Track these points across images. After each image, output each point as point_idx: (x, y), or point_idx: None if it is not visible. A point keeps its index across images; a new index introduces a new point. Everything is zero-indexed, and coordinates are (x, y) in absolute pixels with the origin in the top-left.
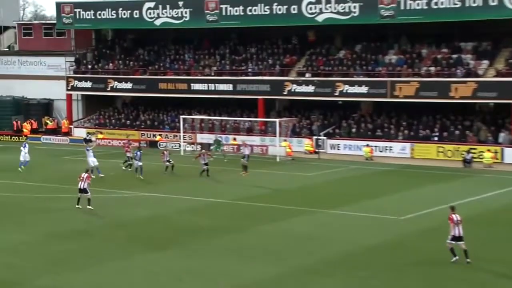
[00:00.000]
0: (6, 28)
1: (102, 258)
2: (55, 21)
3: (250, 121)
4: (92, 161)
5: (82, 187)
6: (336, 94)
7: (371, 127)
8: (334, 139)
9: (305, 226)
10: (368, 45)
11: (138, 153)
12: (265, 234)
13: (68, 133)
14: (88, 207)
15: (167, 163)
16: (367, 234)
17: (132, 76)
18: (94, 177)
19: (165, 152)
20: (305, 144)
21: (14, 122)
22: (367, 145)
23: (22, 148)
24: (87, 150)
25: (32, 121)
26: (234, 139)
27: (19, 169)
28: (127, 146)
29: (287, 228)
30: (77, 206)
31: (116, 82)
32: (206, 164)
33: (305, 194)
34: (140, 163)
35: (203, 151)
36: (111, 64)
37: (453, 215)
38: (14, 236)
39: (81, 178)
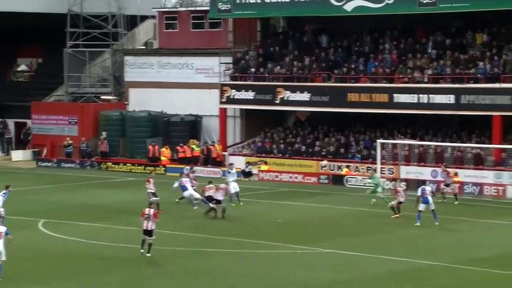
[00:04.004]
0: (144, 18)
1: None
2: (207, 8)
3: (479, 148)
4: (234, 187)
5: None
6: None
7: None
8: None
9: None
10: None
11: None
12: None
13: (220, 163)
14: (147, 254)
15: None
16: None
17: (310, 83)
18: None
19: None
20: None
21: (150, 147)
22: None
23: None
24: (229, 172)
25: (175, 146)
26: (456, 174)
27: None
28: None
29: None
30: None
31: (288, 91)
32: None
33: None
34: None
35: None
36: (281, 67)
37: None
38: None
39: (146, 215)
